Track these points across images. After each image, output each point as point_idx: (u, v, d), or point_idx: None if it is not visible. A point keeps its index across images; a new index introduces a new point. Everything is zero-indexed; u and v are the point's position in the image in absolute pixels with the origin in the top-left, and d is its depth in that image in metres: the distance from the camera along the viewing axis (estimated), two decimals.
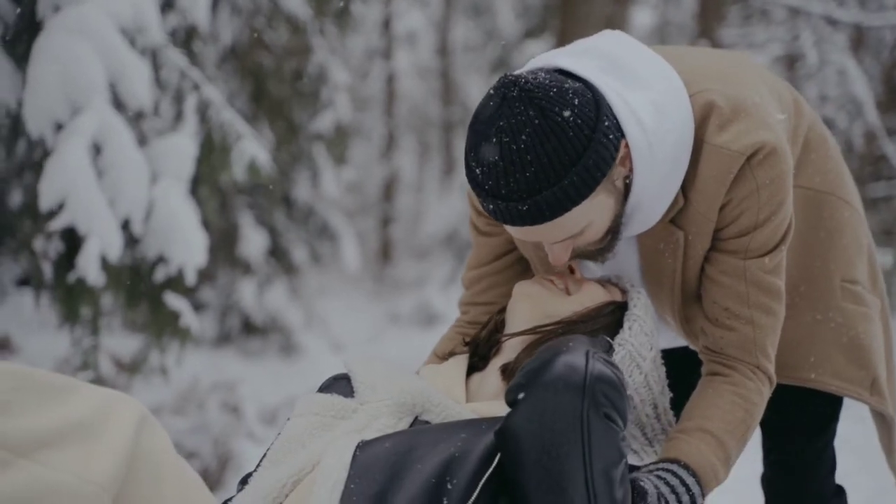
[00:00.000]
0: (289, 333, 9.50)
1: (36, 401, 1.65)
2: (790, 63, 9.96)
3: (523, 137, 2.06)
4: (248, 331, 9.56)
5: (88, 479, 1.58)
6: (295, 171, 9.61)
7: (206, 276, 8.97)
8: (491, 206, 2.15)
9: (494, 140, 2.08)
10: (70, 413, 1.65)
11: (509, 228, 2.24)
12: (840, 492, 2.91)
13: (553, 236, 2.21)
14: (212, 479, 5.48)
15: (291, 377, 8.35)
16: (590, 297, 2.37)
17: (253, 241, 8.91)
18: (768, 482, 2.92)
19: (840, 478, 2.92)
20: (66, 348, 4.61)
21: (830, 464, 2.87)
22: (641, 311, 2.37)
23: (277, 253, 9.54)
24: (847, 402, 2.79)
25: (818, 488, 2.86)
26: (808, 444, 2.81)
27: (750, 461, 2.85)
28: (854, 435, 3.97)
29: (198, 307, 9.18)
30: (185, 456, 5.67)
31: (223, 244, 8.73)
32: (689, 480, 2.17)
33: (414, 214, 16.43)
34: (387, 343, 10.84)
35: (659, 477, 2.16)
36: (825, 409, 2.77)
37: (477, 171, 2.14)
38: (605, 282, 2.45)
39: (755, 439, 2.81)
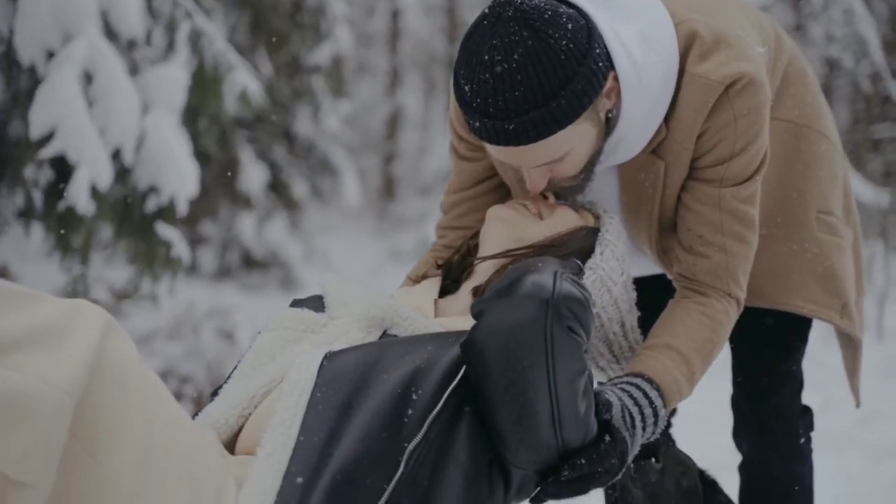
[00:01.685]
0: (288, 268, 9.53)
1: None
2: (795, 2, 9.88)
3: (515, 57, 2.08)
4: (248, 265, 9.59)
5: (51, 384, 1.58)
6: (296, 106, 9.59)
7: (206, 209, 8.98)
8: (477, 125, 2.18)
9: (486, 58, 2.11)
10: (33, 319, 1.65)
11: (491, 149, 2.27)
12: (807, 411, 2.96)
13: (534, 160, 2.24)
14: (204, 404, 5.54)
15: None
16: (562, 221, 2.40)
17: (253, 176, 8.91)
18: (737, 403, 2.97)
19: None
20: (61, 277, 4.65)
21: (798, 384, 2.92)
22: (613, 237, 2.40)
23: (278, 187, 9.54)
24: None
25: (786, 408, 2.91)
26: (776, 365, 2.86)
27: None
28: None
29: (198, 241, 9.22)
30: (179, 380, 5.74)
31: (223, 178, 8.73)
32: (653, 394, 2.21)
33: (418, 151, 16.39)
34: (387, 278, 10.87)
35: (623, 390, 2.20)
36: (795, 331, 2.82)
37: (466, 88, 2.16)
38: (578, 207, 2.48)
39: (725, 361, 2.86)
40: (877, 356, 7.03)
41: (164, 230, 4.40)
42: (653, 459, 2.33)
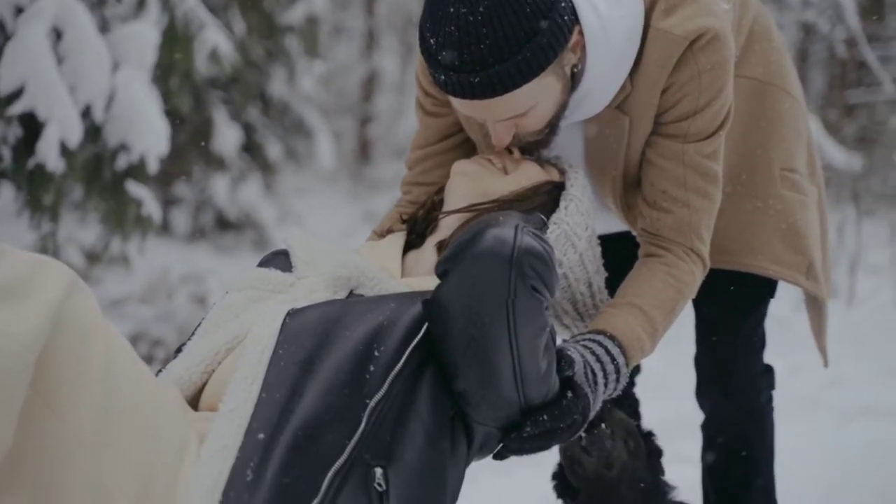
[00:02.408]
0: (262, 229, 9.51)
1: None
2: None
3: (480, 10, 2.08)
4: (222, 226, 9.56)
5: (11, 337, 1.58)
6: (270, 67, 9.55)
7: (179, 170, 8.94)
8: (442, 78, 2.18)
9: (452, 10, 2.10)
10: None
11: (456, 103, 2.27)
12: (769, 370, 2.99)
13: (499, 113, 2.24)
14: None
15: None
16: (527, 176, 2.39)
17: (227, 137, 8.86)
18: (700, 363, 3.00)
19: None
20: (31, 236, 4.62)
21: (761, 344, 2.95)
22: (578, 192, 2.40)
23: (252, 149, 9.49)
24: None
25: (748, 367, 2.93)
26: (740, 325, 2.88)
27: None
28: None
29: (171, 202, 9.18)
30: (150, 344, 5.74)
31: (197, 139, 8.68)
32: (615, 350, 2.22)
33: (393, 114, 16.33)
34: (361, 240, 10.78)
35: (585, 347, 2.21)
36: (760, 291, 2.84)
37: (431, 41, 2.16)
38: (543, 162, 2.48)
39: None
40: (847, 321, 7.08)
41: (135, 188, 4.37)
42: (602, 425, 2.35)
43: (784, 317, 6.02)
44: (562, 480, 2.49)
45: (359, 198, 13.77)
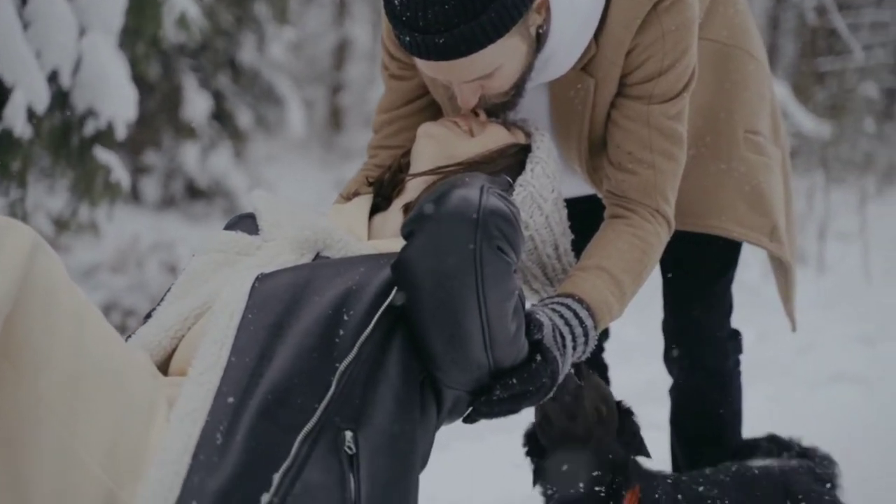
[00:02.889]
0: (233, 198, 9.46)
1: None
2: None
3: None
4: (192, 195, 9.51)
5: None
6: (240, 34, 9.47)
7: (149, 139, 8.89)
8: (407, 39, 2.17)
9: None
10: None
11: (421, 65, 2.26)
12: (736, 334, 3.01)
13: (464, 75, 2.24)
14: None
15: None
16: (493, 138, 2.39)
17: (197, 105, 8.80)
18: (667, 327, 3.01)
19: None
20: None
21: (727, 308, 2.97)
22: (544, 154, 2.40)
23: (222, 117, 9.43)
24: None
25: (715, 331, 2.96)
26: (706, 290, 2.90)
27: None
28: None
29: (141, 170, 9.12)
30: (122, 313, 5.72)
31: (166, 107, 8.63)
32: (583, 314, 2.22)
33: (365, 82, 16.25)
34: None
35: (554, 310, 2.22)
36: (725, 255, 2.86)
37: (396, 1, 2.15)
38: (509, 124, 2.48)
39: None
40: (817, 288, 7.14)
41: (103, 155, 4.33)
42: (573, 371, 2.34)
43: (754, 284, 6.07)
44: (533, 439, 2.50)
45: (330, 166, 13.73)
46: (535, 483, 2.51)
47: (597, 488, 2.39)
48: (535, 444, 2.47)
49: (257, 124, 10.10)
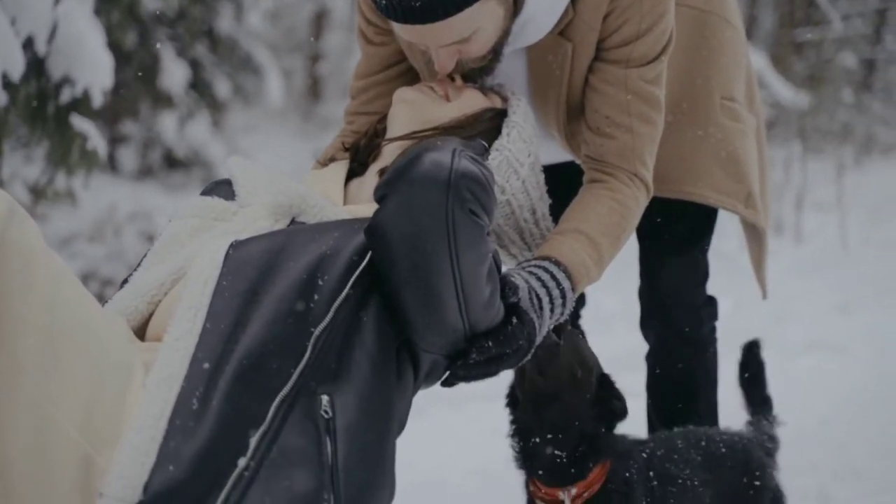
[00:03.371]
0: (211, 168, 9.43)
1: None
2: None
3: None
4: (170, 165, 9.47)
5: None
6: (217, 3, 9.41)
7: (126, 108, 8.83)
8: (384, 2, 2.16)
9: None
10: None
11: (398, 29, 2.26)
12: (711, 301, 3.03)
13: (441, 39, 2.23)
14: None
15: None
16: (469, 103, 2.39)
17: (174, 74, 8.74)
18: (644, 293, 3.03)
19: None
20: None
21: (703, 274, 2.98)
22: (520, 118, 2.40)
23: (199, 86, 9.38)
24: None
25: (691, 298, 2.97)
26: (682, 256, 2.91)
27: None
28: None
29: (119, 140, 9.07)
30: (101, 283, 5.70)
31: (144, 76, 8.56)
32: (560, 276, 2.22)
33: (344, 52, 16.17)
34: None
35: (531, 273, 2.21)
36: (701, 221, 2.87)
37: None
38: (486, 89, 2.47)
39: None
40: (794, 257, 7.17)
41: (80, 123, 4.30)
42: (554, 329, 2.33)
43: (731, 253, 6.09)
44: (513, 391, 2.48)
45: (309, 136, 13.68)
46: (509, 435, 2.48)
47: (557, 451, 2.37)
48: (515, 394, 2.47)
49: (235, 94, 10.05)
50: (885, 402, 4.57)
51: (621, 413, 2.41)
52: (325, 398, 1.84)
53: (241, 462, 1.72)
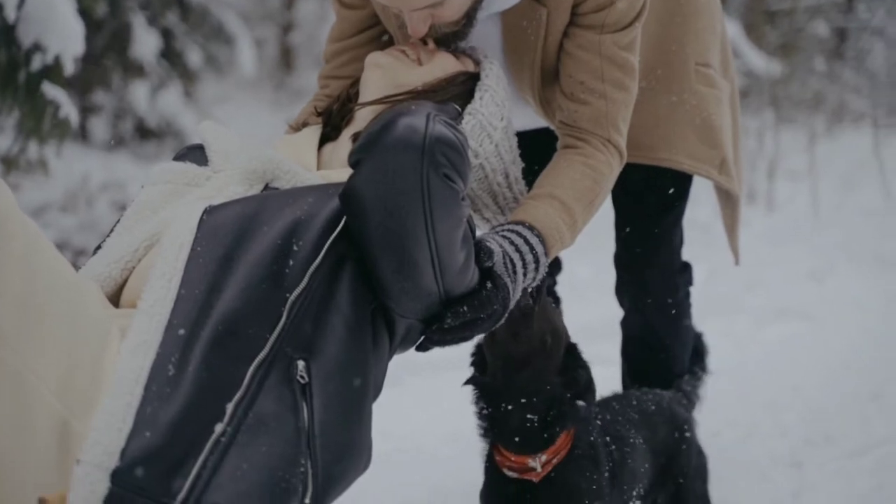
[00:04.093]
0: (184, 138, 9.33)
1: None
2: None
3: None
4: (142, 135, 9.39)
5: None
6: None
7: (97, 78, 8.75)
8: None
9: None
10: None
11: None
12: (686, 267, 3.04)
13: (415, 2, 2.23)
14: None
15: None
16: (441, 67, 2.39)
17: (145, 43, 8.66)
18: (619, 259, 3.04)
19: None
20: None
21: (678, 240, 3.00)
22: (493, 82, 2.40)
23: (171, 56, 9.30)
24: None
25: (666, 263, 2.98)
26: (657, 221, 2.92)
27: None
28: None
29: (90, 110, 8.99)
30: (74, 253, 5.67)
31: (114, 45, 8.48)
32: (534, 241, 2.23)
33: (316, 21, 16.08)
34: None
35: (504, 237, 2.22)
36: (676, 187, 2.88)
37: None
38: (458, 53, 2.47)
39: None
40: (766, 225, 7.20)
41: (51, 90, 4.27)
42: (531, 294, 2.33)
43: (705, 221, 6.11)
44: (480, 352, 2.47)
45: (281, 106, 13.60)
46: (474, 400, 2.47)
47: (528, 416, 2.37)
48: (481, 357, 2.46)
49: (207, 64, 9.96)
50: (857, 368, 4.61)
51: (585, 383, 2.42)
52: (301, 363, 1.85)
53: (218, 428, 1.73)
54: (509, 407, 2.38)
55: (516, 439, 2.39)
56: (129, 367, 1.75)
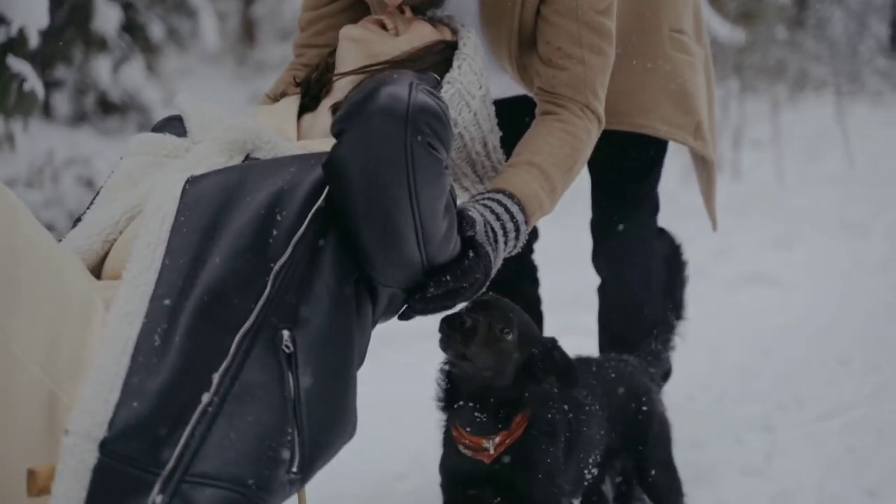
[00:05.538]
0: (147, 112, 9.27)
1: None
2: None
3: None
4: (105, 109, 9.31)
5: None
6: None
7: (59, 52, 8.66)
8: None
9: None
10: None
11: None
12: (662, 232, 3.06)
13: None
14: None
15: None
16: (419, 36, 2.39)
17: (107, 17, 8.57)
18: (596, 226, 3.05)
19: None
20: None
21: (654, 206, 3.02)
22: (471, 51, 2.40)
23: (133, 29, 9.21)
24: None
25: (642, 229, 3.00)
26: (634, 188, 2.94)
27: None
28: None
29: (52, 84, 8.90)
30: None
31: (76, 19, 8.39)
32: (514, 209, 2.24)
33: None
34: None
35: (485, 206, 2.23)
36: (651, 153, 2.90)
37: None
38: (435, 21, 2.46)
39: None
40: (732, 193, 7.25)
41: (16, 64, 4.22)
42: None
43: (672, 190, 6.14)
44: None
45: (244, 80, 13.54)
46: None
47: (480, 414, 2.33)
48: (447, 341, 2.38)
49: (169, 37, 9.89)
50: (825, 332, 4.67)
51: (563, 372, 2.37)
52: (286, 333, 1.85)
53: (205, 397, 1.74)
54: (464, 403, 2.34)
55: (470, 425, 2.36)
56: (115, 338, 1.75)
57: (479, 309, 2.23)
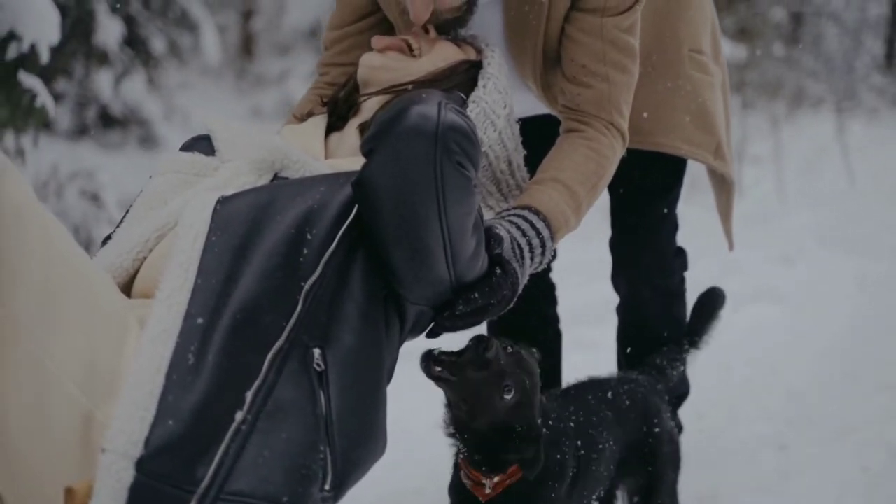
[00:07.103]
0: (148, 126, 9.29)
1: None
2: None
3: None
4: (107, 123, 9.32)
5: None
6: None
7: (61, 66, 8.67)
8: None
9: None
10: None
11: None
12: (681, 252, 3.07)
13: None
14: None
15: (152, 168, 8.17)
16: (443, 56, 2.39)
17: (109, 31, 8.59)
18: (615, 245, 3.06)
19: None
20: None
21: (673, 225, 3.03)
22: (495, 70, 2.41)
23: (135, 43, 9.23)
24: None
25: (661, 248, 3.01)
26: (653, 207, 2.95)
27: None
28: None
29: (54, 98, 8.90)
30: None
31: (78, 33, 8.40)
32: (540, 225, 2.25)
33: (276, 9, 16.01)
34: None
35: (511, 222, 2.24)
36: (671, 172, 2.91)
37: None
38: (460, 41, 2.48)
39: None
40: (735, 210, 7.26)
41: (27, 79, 4.23)
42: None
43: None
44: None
45: (244, 93, 13.57)
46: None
47: (478, 457, 2.32)
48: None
49: (171, 51, 9.91)
50: (832, 350, 4.68)
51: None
52: (317, 351, 1.86)
53: (239, 416, 1.75)
54: (464, 447, 2.34)
55: (470, 458, 2.36)
56: (149, 357, 1.75)
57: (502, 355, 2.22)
